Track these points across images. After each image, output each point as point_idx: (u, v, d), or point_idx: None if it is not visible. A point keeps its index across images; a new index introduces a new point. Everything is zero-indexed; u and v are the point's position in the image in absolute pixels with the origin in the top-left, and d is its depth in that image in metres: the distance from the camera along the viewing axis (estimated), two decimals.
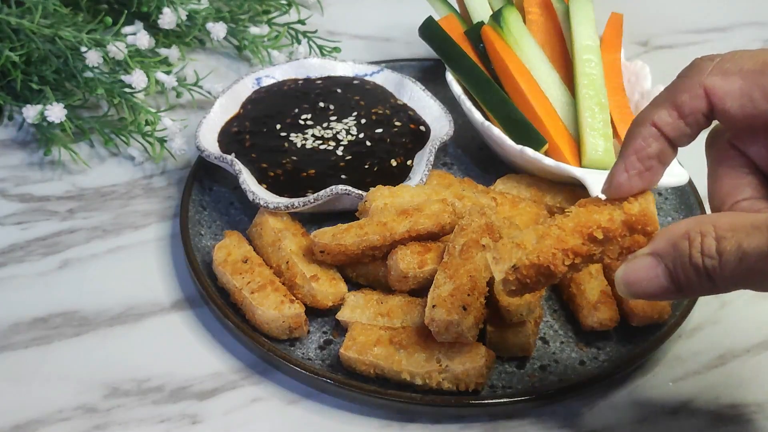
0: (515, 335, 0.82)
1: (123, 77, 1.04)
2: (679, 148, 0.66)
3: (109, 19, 1.04)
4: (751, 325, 0.92)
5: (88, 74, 1.04)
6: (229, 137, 0.99)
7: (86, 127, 1.04)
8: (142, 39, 1.07)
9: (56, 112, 0.99)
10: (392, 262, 0.83)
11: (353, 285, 0.88)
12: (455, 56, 1.05)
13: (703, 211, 0.98)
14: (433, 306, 0.74)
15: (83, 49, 1.02)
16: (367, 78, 1.08)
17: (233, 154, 0.94)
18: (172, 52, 1.14)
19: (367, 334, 0.80)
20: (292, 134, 0.98)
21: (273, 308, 0.82)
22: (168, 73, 1.09)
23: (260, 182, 0.93)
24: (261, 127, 0.99)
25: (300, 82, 1.07)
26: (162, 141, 1.03)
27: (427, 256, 0.82)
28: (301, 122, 1.00)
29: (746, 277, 0.57)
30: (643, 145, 0.64)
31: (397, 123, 1.01)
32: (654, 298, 0.62)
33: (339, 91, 1.05)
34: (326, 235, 0.84)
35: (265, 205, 0.89)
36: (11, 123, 1.09)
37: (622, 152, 0.65)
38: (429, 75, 1.14)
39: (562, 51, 1.05)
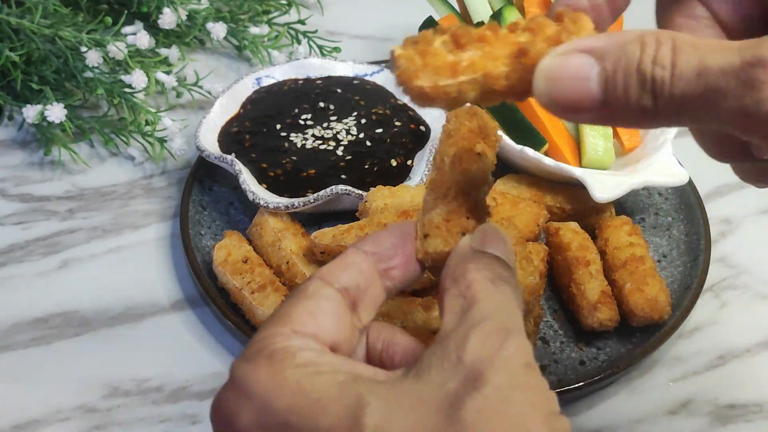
0: None
1: (123, 77, 1.04)
2: (678, 149, 0.62)
3: (109, 19, 1.04)
4: (751, 325, 0.92)
5: (88, 74, 1.04)
6: (229, 137, 0.99)
7: (86, 127, 1.04)
8: (142, 39, 1.07)
9: (56, 112, 0.99)
10: None
11: None
12: None
13: (703, 213, 0.98)
14: (426, 236, 0.55)
15: (83, 49, 1.02)
16: (367, 78, 1.08)
17: (233, 154, 0.94)
18: (172, 52, 1.14)
19: None
20: (292, 134, 0.98)
21: (273, 308, 0.82)
22: (168, 73, 1.09)
23: (260, 182, 0.93)
24: (261, 127, 0.99)
25: (300, 82, 1.07)
26: (162, 141, 1.03)
27: None
28: (301, 122, 1.00)
29: (699, 98, 0.45)
30: None
31: (397, 123, 1.01)
32: (572, 108, 0.48)
33: (339, 91, 1.05)
34: (327, 236, 0.84)
35: (265, 205, 0.89)
36: (11, 123, 1.09)
37: None
38: None
39: None
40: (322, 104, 1.02)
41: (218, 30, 1.15)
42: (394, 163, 0.97)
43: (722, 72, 0.44)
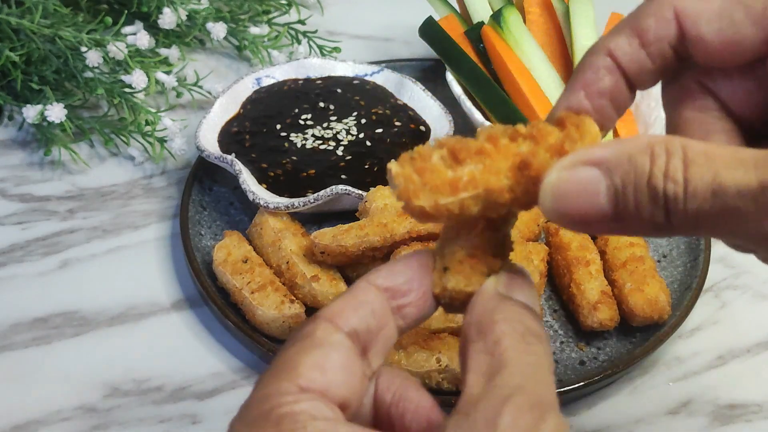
0: None
1: (123, 77, 1.04)
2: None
3: (109, 19, 1.04)
4: (751, 325, 0.92)
5: (88, 74, 1.04)
6: (229, 137, 0.99)
7: (86, 127, 1.04)
8: (142, 39, 1.07)
9: (56, 112, 0.99)
10: None
11: None
12: (455, 56, 1.05)
13: None
14: (445, 269, 0.50)
15: (83, 49, 1.02)
16: (367, 78, 1.08)
17: (233, 154, 0.94)
18: (172, 52, 1.14)
19: None
20: (292, 134, 0.98)
21: (273, 308, 0.82)
22: (168, 73, 1.09)
23: (260, 182, 0.93)
24: (261, 127, 0.99)
25: (300, 82, 1.07)
26: (162, 141, 1.03)
27: None
28: (301, 122, 1.00)
29: (714, 217, 0.43)
30: (594, 78, 0.51)
31: (397, 123, 1.01)
32: (582, 222, 0.45)
33: (339, 91, 1.05)
34: (327, 236, 0.84)
35: (265, 205, 0.89)
36: (11, 123, 1.09)
37: (568, 86, 0.52)
38: (429, 75, 1.14)
39: (562, 51, 1.06)
40: (322, 104, 1.02)
41: (218, 30, 1.15)
42: None
43: (739, 194, 0.42)
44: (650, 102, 1.02)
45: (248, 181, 0.91)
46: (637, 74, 0.51)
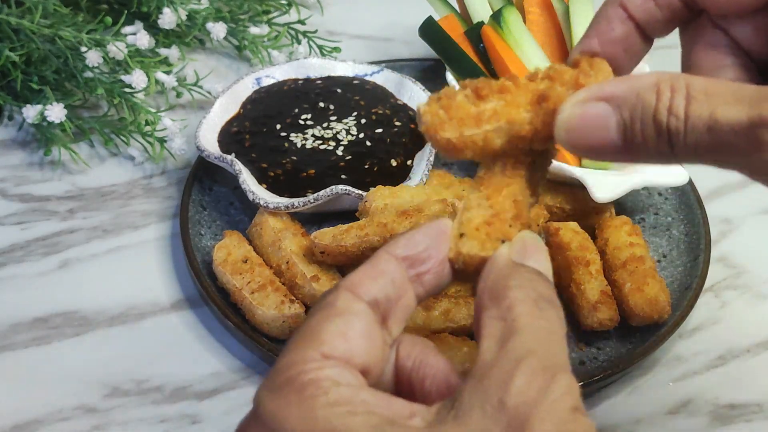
0: None
1: (123, 77, 1.04)
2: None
3: (109, 19, 1.04)
4: (751, 325, 0.92)
5: (88, 74, 1.04)
6: (229, 137, 0.99)
7: (86, 127, 1.04)
8: (142, 39, 1.07)
9: (56, 112, 0.99)
10: None
11: None
12: (455, 56, 1.05)
13: (703, 213, 0.98)
14: (461, 235, 0.51)
15: (83, 49, 1.02)
16: (367, 78, 1.08)
17: (233, 154, 0.94)
18: (172, 52, 1.14)
19: None
20: (292, 134, 0.98)
21: (273, 308, 0.82)
22: (168, 73, 1.09)
23: (260, 182, 0.93)
24: (261, 127, 0.99)
25: (300, 82, 1.07)
26: (162, 141, 1.03)
27: None
28: (301, 122, 1.00)
29: (712, 150, 0.47)
30: (607, 27, 0.55)
31: (397, 123, 1.01)
32: (594, 153, 0.50)
33: (339, 91, 1.05)
34: (326, 236, 0.84)
35: (265, 205, 0.89)
36: (11, 123, 1.09)
37: (584, 35, 0.56)
38: (429, 75, 1.14)
39: (562, 51, 1.05)
40: (322, 104, 1.02)
41: (218, 30, 1.15)
42: (394, 163, 0.97)
43: (731, 129, 0.45)
44: None
45: (248, 181, 0.91)
46: (648, 24, 0.55)
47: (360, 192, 0.90)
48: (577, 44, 0.56)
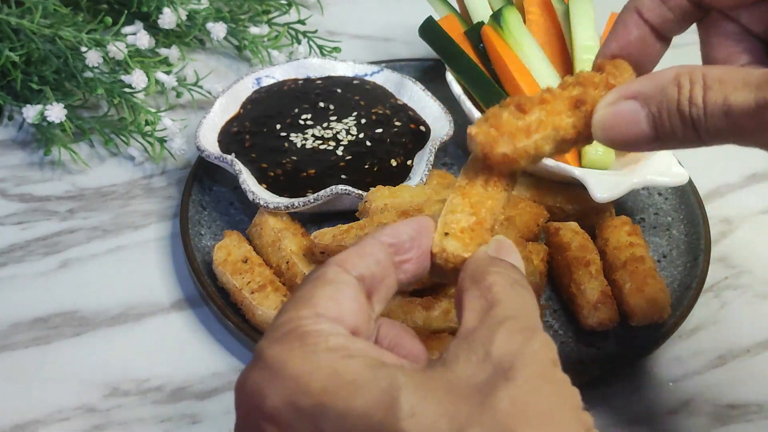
0: None
1: (123, 77, 1.04)
2: (678, 149, 0.65)
3: (109, 19, 1.04)
4: (751, 325, 0.92)
5: (88, 74, 1.04)
6: (229, 137, 0.99)
7: (86, 127, 1.04)
8: (142, 39, 1.07)
9: (56, 112, 0.99)
10: None
11: None
12: (455, 56, 1.05)
13: (703, 213, 0.98)
14: (446, 234, 0.57)
15: (83, 49, 1.02)
16: (367, 78, 1.08)
17: (233, 154, 0.94)
18: (172, 52, 1.14)
19: None
20: (292, 134, 0.98)
21: (273, 308, 0.82)
22: (168, 73, 1.09)
23: (260, 182, 0.93)
24: (261, 127, 0.99)
25: (300, 82, 1.07)
26: (162, 141, 1.03)
27: None
28: (301, 122, 1.00)
29: (731, 132, 0.52)
30: (624, 32, 0.61)
31: (397, 123, 1.01)
32: (630, 145, 0.55)
33: (339, 91, 1.05)
34: (326, 236, 0.84)
35: (265, 205, 0.89)
36: (11, 123, 1.09)
37: (605, 41, 0.62)
38: (429, 75, 1.14)
39: (562, 51, 1.05)
40: (322, 104, 1.02)
41: (218, 30, 1.15)
42: (394, 163, 0.97)
43: (742, 113, 0.50)
44: None
45: (248, 181, 0.91)
46: (661, 25, 0.61)
47: (360, 192, 0.90)
48: (599, 50, 0.62)
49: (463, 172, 0.61)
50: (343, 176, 0.94)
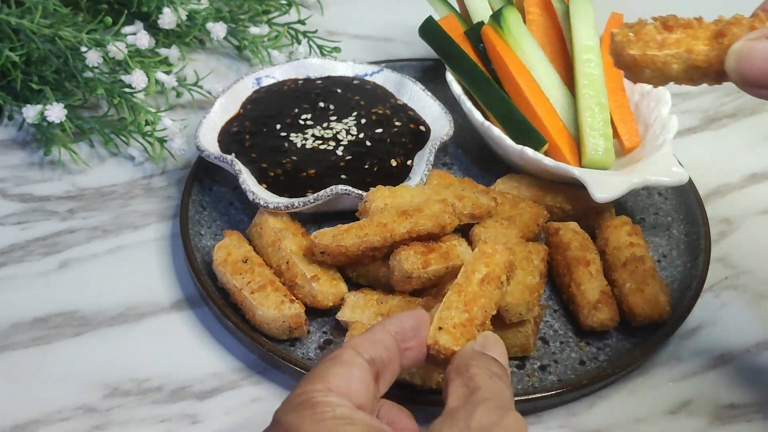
0: (515, 335, 0.82)
1: (123, 77, 1.04)
2: (678, 149, 0.66)
3: (109, 19, 1.04)
4: (751, 325, 0.92)
5: (88, 74, 1.04)
6: (229, 137, 0.99)
7: (86, 127, 1.04)
8: (142, 39, 1.07)
9: (56, 112, 0.99)
10: (396, 262, 0.82)
11: (353, 285, 0.88)
12: (455, 56, 1.05)
13: (703, 213, 0.98)
14: (440, 328, 0.68)
15: (83, 49, 1.02)
16: (367, 78, 1.08)
17: (233, 154, 0.94)
18: (172, 52, 1.14)
19: None
20: (292, 134, 0.98)
21: (273, 308, 0.82)
22: (168, 73, 1.09)
23: (260, 182, 0.93)
24: (261, 127, 0.99)
25: (300, 82, 1.07)
26: (162, 141, 1.03)
27: (431, 257, 0.82)
28: (301, 122, 1.00)
29: None
30: None
31: (397, 123, 1.01)
32: (757, 85, 0.58)
33: (339, 91, 1.05)
34: (326, 236, 0.84)
35: (265, 205, 0.89)
36: (11, 123, 1.09)
37: None
38: (429, 75, 1.14)
39: (562, 51, 1.05)
40: (322, 104, 1.02)
41: (218, 30, 1.15)
42: (394, 163, 0.97)
43: None
44: (650, 102, 1.02)
45: (248, 181, 0.91)
46: None
47: (360, 192, 0.90)
48: (761, 3, 0.64)
49: (462, 272, 0.73)
50: (343, 176, 0.94)
